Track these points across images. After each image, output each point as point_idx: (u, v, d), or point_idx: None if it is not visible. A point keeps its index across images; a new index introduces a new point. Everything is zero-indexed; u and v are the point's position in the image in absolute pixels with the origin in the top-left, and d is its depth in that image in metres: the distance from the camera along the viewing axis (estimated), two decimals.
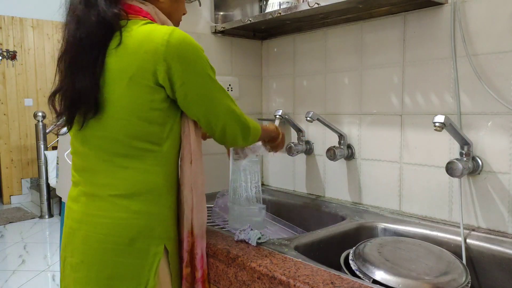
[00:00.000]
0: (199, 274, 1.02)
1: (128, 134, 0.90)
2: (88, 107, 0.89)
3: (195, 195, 1.01)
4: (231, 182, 1.28)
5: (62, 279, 1.00)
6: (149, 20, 0.94)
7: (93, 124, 0.92)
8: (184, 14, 1.10)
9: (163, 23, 0.97)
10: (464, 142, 1.11)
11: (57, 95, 0.94)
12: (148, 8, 0.96)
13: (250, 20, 1.47)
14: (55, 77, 0.95)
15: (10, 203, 5.19)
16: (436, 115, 1.00)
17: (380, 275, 0.88)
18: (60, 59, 0.93)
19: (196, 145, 1.00)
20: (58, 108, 0.95)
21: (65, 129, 0.98)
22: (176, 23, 1.06)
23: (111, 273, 0.91)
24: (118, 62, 0.88)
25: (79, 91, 0.89)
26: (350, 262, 0.96)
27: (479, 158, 1.12)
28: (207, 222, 1.33)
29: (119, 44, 0.88)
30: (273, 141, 1.26)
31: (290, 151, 1.54)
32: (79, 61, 0.89)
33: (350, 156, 1.44)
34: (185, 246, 1.00)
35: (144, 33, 0.89)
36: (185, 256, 1.00)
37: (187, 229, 1.00)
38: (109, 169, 0.92)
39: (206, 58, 0.94)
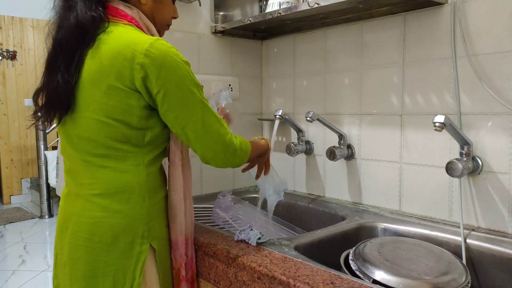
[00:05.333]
0: (189, 275, 1.04)
1: (107, 136, 0.91)
2: (61, 106, 0.92)
3: (187, 200, 1.02)
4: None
5: (55, 277, 1.01)
6: (134, 26, 0.94)
7: (72, 124, 0.93)
8: (174, 17, 1.07)
9: (148, 29, 0.97)
10: (464, 142, 1.11)
11: (40, 94, 0.97)
12: (134, 12, 0.96)
13: (250, 20, 1.47)
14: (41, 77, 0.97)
15: (10, 203, 5.19)
16: (436, 115, 1.00)
17: (380, 275, 0.88)
18: (46, 59, 0.96)
19: (185, 151, 1.01)
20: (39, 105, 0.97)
21: (54, 125, 1.00)
22: (161, 26, 1.04)
23: (97, 271, 0.91)
24: (96, 65, 0.89)
25: (54, 90, 0.91)
26: (350, 262, 0.96)
27: (479, 158, 1.12)
28: (207, 222, 1.34)
29: (98, 47, 0.89)
30: (263, 156, 1.20)
31: (290, 151, 1.54)
32: (57, 62, 0.92)
33: (350, 156, 1.44)
34: (182, 249, 1.01)
35: (126, 40, 0.89)
36: (184, 258, 1.01)
37: (181, 233, 1.01)
38: (90, 169, 0.93)
39: (188, 71, 0.91)
